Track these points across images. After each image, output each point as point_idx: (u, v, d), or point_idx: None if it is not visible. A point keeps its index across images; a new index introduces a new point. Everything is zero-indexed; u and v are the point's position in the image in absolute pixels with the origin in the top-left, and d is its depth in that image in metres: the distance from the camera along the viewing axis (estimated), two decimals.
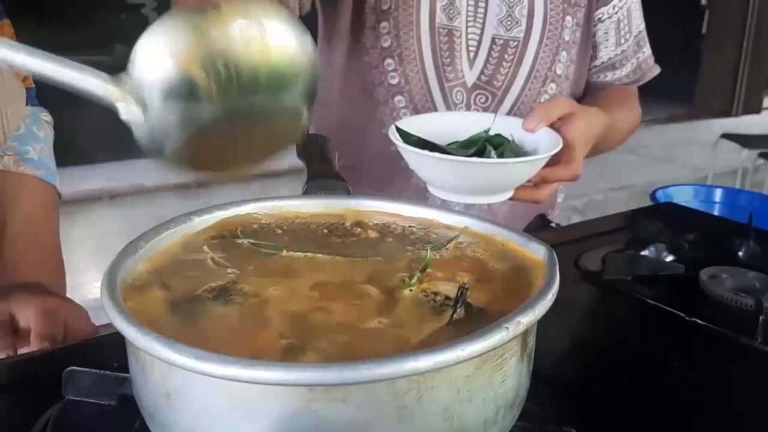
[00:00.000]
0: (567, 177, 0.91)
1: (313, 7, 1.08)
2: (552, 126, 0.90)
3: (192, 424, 0.38)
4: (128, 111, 0.40)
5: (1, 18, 0.93)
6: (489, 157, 0.86)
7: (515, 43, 1.05)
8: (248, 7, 0.40)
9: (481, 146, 0.89)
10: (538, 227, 1.06)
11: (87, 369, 0.53)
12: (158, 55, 0.40)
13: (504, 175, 0.85)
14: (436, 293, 0.46)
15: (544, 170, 0.87)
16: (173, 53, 0.39)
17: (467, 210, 1.07)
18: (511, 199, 0.90)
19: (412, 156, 0.85)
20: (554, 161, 0.88)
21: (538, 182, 0.90)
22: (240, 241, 0.53)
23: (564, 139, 0.88)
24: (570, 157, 0.90)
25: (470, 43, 1.04)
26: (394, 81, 1.05)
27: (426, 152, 0.83)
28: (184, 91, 0.39)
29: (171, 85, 0.40)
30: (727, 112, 6.80)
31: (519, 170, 0.85)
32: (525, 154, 0.90)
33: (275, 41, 0.41)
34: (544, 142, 0.88)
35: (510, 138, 0.91)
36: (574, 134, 0.89)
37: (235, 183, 4.13)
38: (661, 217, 1.00)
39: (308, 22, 1.14)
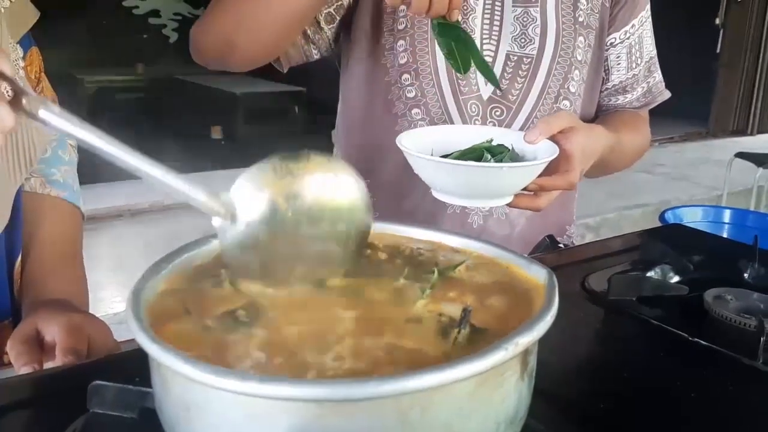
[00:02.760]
0: (563, 185, 0.94)
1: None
2: (552, 138, 0.93)
3: None
4: (219, 221, 0.51)
5: (30, 45, 0.97)
6: (486, 162, 0.90)
7: (529, 60, 1.09)
8: (330, 163, 0.53)
9: (480, 153, 0.92)
10: (547, 248, 1.08)
11: (111, 383, 0.56)
12: (255, 184, 0.51)
13: (500, 180, 0.89)
14: (441, 314, 0.48)
15: (541, 178, 0.90)
16: (266, 184, 0.51)
17: (484, 219, 1.11)
18: (510, 205, 0.93)
19: (414, 160, 0.89)
20: (552, 170, 0.91)
21: (536, 190, 0.93)
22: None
23: (561, 150, 0.91)
24: (567, 167, 0.93)
25: (486, 59, 1.08)
26: (411, 94, 1.09)
27: (426, 156, 0.87)
28: (268, 213, 0.51)
29: (259, 207, 0.51)
30: (742, 131, 6.77)
31: (514, 175, 0.88)
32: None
33: (343, 190, 0.53)
34: (542, 152, 0.91)
35: (510, 147, 0.94)
36: (572, 145, 0.93)
37: None
38: (667, 239, 1.02)
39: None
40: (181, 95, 6.42)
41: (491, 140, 0.96)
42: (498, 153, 0.93)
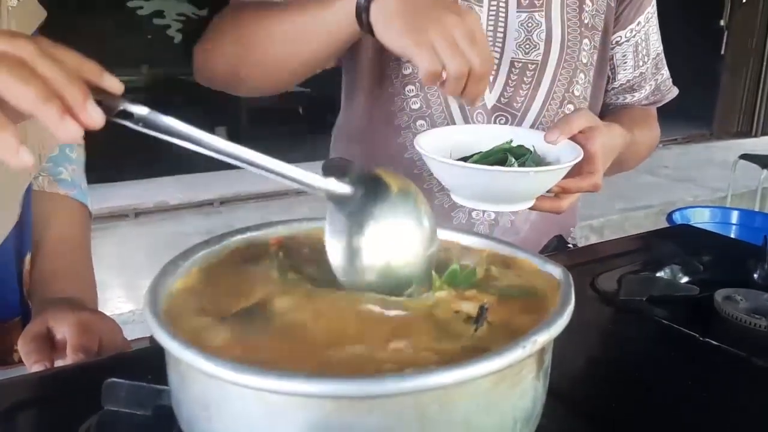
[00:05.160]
0: (587, 187, 0.93)
1: None
2: (573, 139, 0.91)
3: None
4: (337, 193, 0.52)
5: None
6: (511, 166, 0.88)
7: (533, 66, 1.07)
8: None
9: (502, 156, 0.90)
10: (556, 248, 1.08)
11: (125, 381, 0.56)
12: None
13: (525, 184, 0.87)
14: (457, 312, 0.48)
15: (564, 181, 0.89)
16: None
17: (490, 228, 1.10)
18: (532, 209, 0.92)
19: (436, 164, 0.87)
20: (575, 172, 0.90)
21: (558, 193, 0.92)
22: (272, 260, 0.56)
23: (585, 151, 0.89)
24: (591, 168, 0.92)
25: None
26: (416, 106, 1.07)
27: (449, 160, 0.85)
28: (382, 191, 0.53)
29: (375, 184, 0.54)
30: (746, 133, 6.77)
31: (540, 179, 0.87)
32: (546, 165, 0.91)
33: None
34: (565, 153, 0.90)
35: (532, 149, 0.93)
36: (595, 146, 0.91)
37: (256, 201, 4.19)
38: (676, 239, 1.02)
39: None
40: (185, 95, 6.43)
41: (511, 141, 0.94)
42: (520, 155, 0.91)
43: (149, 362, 0.53)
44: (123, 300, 2.64)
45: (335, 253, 0.52)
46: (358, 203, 0.51)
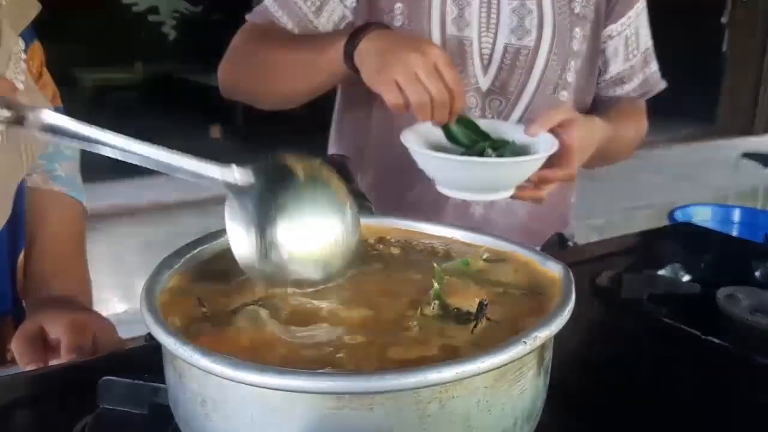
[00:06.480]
0: (563, 176, 0.97)
1: None
2: (552, 131, 0.95)
3: (227, 429, 0.40)
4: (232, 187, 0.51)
5: (32, 40, 0.96)
6: (488, 157, 0.93)
7: (526, 51, 1.10)
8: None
9: (481, 148, 0.95)
10: (556, 246, 1.08)
11: (121, 379, 0.55)
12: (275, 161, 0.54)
13: (502, 174, 0.93)
14: (458, 308, 0.48)
15: (542, 170, 0.93)
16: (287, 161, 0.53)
17: (486, 209, 1.12)
18: (513, 197, 0.96)
19: (419, 156, 0.92)
20: (553, 162, 0.94)
21: (537, 182, 0.96)
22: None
23: (561, 142, 0.94)
24: (567, 159, 0.96)
25: (483, 51, 1.10)
26: None
27: (431, 152, 0.90)
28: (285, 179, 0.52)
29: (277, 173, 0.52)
30: (748, 131, 6.76)
31: (516, 169, 0.92)
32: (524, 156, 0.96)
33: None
34: (542, 144, 0.94)
35: (511, 141, 0.97)
36: (571, 138, 0.95)
37: None
38: (677, 238, 1.02)
39: None
40: (180, 93, 6.40)
41: (490, 135, 0.98)
42: (499, 147, 0.95)
43: (145, 360, 0.52)
44: (117, 300, 2.62)
45: (244, 246, 0.50)
46: (262, 193, 0.50)
